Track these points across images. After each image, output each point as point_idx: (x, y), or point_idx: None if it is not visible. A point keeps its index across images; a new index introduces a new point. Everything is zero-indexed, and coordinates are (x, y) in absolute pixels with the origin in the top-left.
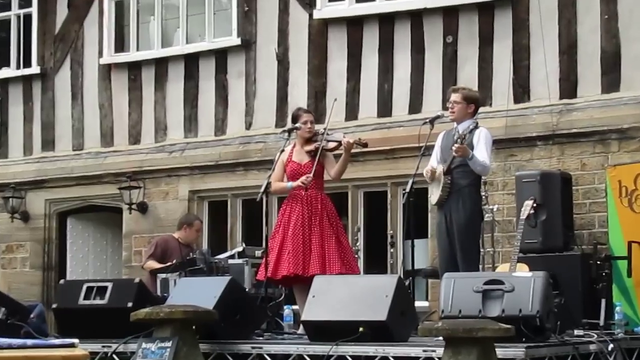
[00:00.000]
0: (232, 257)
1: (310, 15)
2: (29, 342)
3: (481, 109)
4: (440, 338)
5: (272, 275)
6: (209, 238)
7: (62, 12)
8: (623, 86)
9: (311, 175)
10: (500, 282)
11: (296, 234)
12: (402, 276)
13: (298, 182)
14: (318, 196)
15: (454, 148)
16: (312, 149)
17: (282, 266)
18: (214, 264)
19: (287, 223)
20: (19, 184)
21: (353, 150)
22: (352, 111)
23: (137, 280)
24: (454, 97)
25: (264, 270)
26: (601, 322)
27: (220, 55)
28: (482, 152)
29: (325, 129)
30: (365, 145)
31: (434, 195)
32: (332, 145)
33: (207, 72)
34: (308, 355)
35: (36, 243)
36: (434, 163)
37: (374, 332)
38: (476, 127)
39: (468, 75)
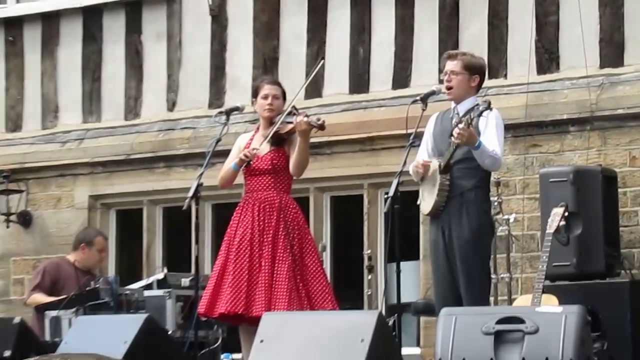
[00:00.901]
0: (149, 287)
1: None
2: None
3: (494, 82)
4: None
5: (206, 311)
6: (117, 261)
7: None
8: None
9: (259, 148)
10: (520, 321)
11: (240, 256)
12: (384, 312)
13: (240, 156)
14: (275, 201)
15: (454, 132)
16: (246, 155)
17: (220, 301)
18: (124, 296)
19: (232, 237)
20: None
21: (314, 136)
22: (314, 86)
23: (17, 319)
24: (452, 65)
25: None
26: None
27: (133, 9)
28: (491, 139)
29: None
30: (321, 127)
31: (426, 201)
32: (288, 127)
33: (114, 32)
34: None
35: None
36: (424, 156)
37: None
38: (488, 107)
39: (474, 36)
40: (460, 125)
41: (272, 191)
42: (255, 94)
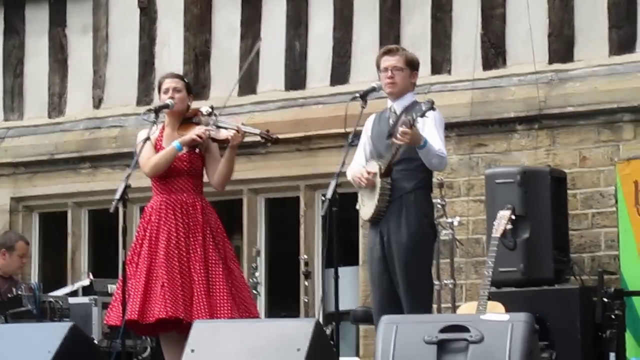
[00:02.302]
0: (74, 293)
1: None
2: None
3: (437, 78)
4: None
5: (138, 318)
6: (40, 267)
7: None
8: None
9: (213, 128)
10: (464, 329)
11: (171, 257)
12: (321, 321)
13: (191, 135)
14: (197, 203)
15: (398, 134)
16: (200, 136)
17: (154, 305)
18: (47, 304)
19: (154, 240)
20: None
21: (249, 139)
22: (248, 82)
23: None
24: (393, 61)
25: (122, 312)
26: None
27: (57, 1)
28: (433, 137)
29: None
30: (274, 141)
31: (367, 206)
32: (223, 134)
33: (37, 24)
34: None
35: None
36: (362, 159)
37: None
38: (432, 107)
39: (416, 30)
40: (402, 128)
41: (192, 193)
42: (159, 90)
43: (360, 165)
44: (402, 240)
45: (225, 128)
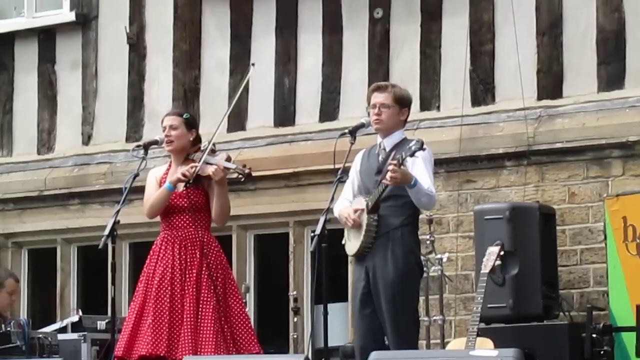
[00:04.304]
0: (63, 330)
1: None
2: None
3: (426, 114)
4: None
5: (124, 354)
6: (29, 303)
7: None
8: (629, 82)
9: (198, 165)
10: None
11: (161, 295)
12: (310, 357)
13: (177, 174)
14: (197, 239)
15: (387, 175)
16: (184, 174)
17: (139, 342)
18: (36, 340)
19: (151, 276)
20: None
21: (230, 176)
22: (237, 119)
23: None
24: (381, 98)
25: (112, 349)
26: None
27: (46, 37)
28: (422, 176)
29: (208, 143)
30: (247, 176)
31: (352, 242)
32: (210, 170)
33: (26, 60)
34: None
35: None
36: (349, 195)
37: None
38: (421, 148)
39: (405, 66)
40: (391, 167)
41: (191, 229)
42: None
43: (347, 200)
44: (388, 276)
45: (212, 164)
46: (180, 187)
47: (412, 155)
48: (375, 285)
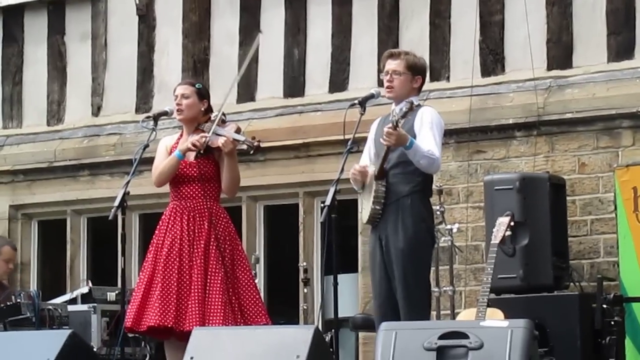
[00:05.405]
0: (73, 301)
1: None
2: None
3: (436, 85)
4: None
5: (132, 325)
6: (39, 275)
7: None
8: (639, 52)
9: (208, 136)
10: (464, 336)
11: (169, 266)
12: (320, 328)
13: (187, 144)
14: (205, 210)
15: (383, 135)
16: (194, 144)
17: (147, 313)
18: (46, 311)
19: (160, 247)
20: None
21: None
22: (247, 89)
23: None
24: (393, 65)
25: (122, 320)
26: None
27: (55, 8)
28: (427, 138)
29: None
30: (256, 148)
31: (365, 209)
32: (219, 141)
33: (35, 32)
34: None
35: None
36: (366, 162)
37: None
38: (418, 106)
39: (415, 37)
40: (386, 128)
41: (200, 200)
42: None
43: (360, 164)
44: (399, 246)
45: (222, 136)
46: (191, 157)
47: (403, 116)
48: (388, 254)
